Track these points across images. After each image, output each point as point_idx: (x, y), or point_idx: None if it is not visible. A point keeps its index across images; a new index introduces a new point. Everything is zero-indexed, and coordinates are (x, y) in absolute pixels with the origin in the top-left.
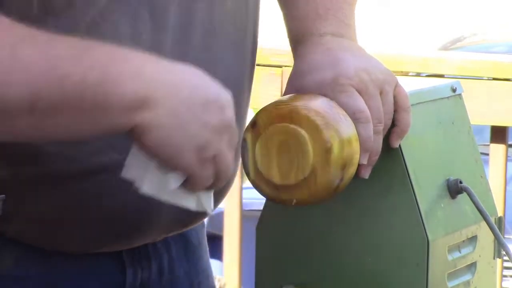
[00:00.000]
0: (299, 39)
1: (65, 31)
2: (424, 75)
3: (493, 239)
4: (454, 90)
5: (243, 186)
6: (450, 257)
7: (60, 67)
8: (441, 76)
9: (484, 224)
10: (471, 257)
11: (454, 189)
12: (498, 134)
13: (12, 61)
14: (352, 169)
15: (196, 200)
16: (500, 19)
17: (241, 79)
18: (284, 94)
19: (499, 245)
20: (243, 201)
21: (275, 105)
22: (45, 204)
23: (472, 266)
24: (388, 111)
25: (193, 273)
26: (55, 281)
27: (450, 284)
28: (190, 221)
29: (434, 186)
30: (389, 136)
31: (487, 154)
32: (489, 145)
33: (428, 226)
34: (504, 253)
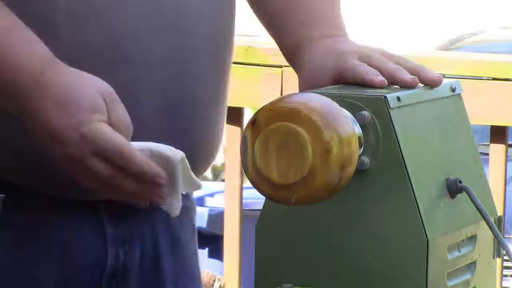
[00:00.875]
0: (300, 46)
1: None
2: None
3: (493, 239)
4: (454, 90)
5: (243, 186)
6: (450, 257)
7: None
8: None
9: (484, 224)
10: (471, 257)
11: (454, 189)
12: (498, 134)
13: None
14: (351, 169)
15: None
16: (500, 19)
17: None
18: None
19: (499, 245)
20: (243, 201)
21: (275, 104)
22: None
23: (472, 266)
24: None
25: (180, 271)
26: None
27: (450, 283)
28: None
29: (434, 186)
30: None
31: (487, 154)
32: (489, 145)
33: (428, 226)
34: (504, 253)
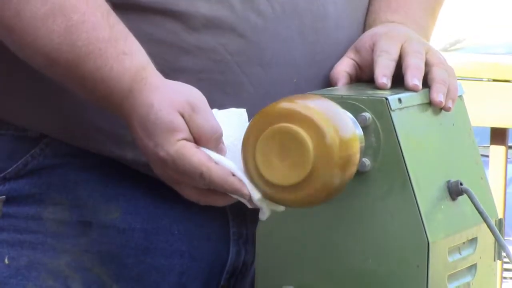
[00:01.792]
0: (370, 26)
1: None
2: None
3: (494, 241)
4: None
5: None
6: (451, 259)
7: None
8: None
9: (485, 226)
10: (472, 259)
11: (455, 191)
12: (498, 136)
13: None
14: (352, 170)
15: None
16: (500, 21)
17: None
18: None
19: (499, 247)
20: None
21: (276, 105)
22: None
23: (472, 268)
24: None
25: None
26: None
27: (450, 286)
28: None
29: (435, 188)
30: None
31: (487, 156)
32: (489, 147)
33: (429, 228)
34: (505, 255)
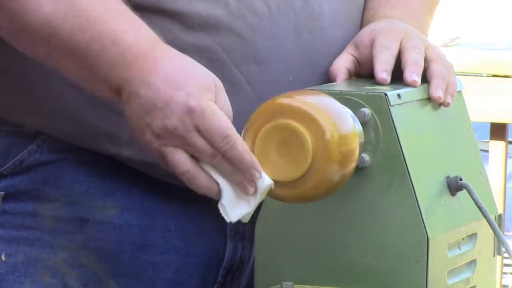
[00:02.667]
0: (369, 22)
1: None
2: None
3: (493, 237)
4: None
5: None
6: (450, 254)
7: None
8: None
9: (484, 221)
10: (471, 255)
11: (454, 186)
12: (498, 131)
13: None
14: (352, 166)
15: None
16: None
17: None
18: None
19: (499, 242)
20: None
21: (275, 101)
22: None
23: (472, 264)
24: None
25: None
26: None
27: (450, 282)
28: None
29: (434, 183)
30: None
31: (487, 151)
32: (489, 142)
33: (428, 223)
34: (504, 250)
